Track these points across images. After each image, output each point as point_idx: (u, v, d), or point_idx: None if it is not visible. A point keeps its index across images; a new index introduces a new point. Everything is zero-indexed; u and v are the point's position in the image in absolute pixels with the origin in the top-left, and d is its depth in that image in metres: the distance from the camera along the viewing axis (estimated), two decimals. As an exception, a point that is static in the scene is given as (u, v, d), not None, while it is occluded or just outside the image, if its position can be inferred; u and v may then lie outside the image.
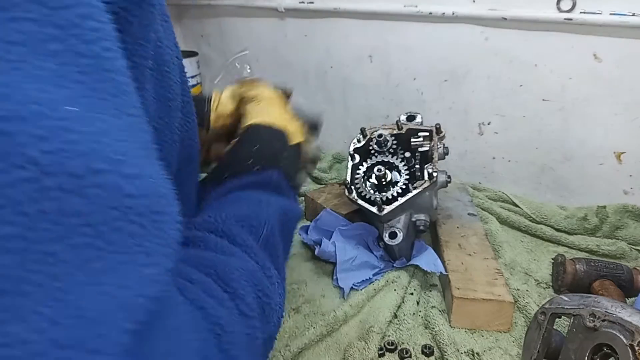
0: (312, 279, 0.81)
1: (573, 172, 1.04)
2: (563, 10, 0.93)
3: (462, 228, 0.88)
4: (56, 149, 0.16)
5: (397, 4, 1.10)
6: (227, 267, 0.29)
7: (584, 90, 0.97)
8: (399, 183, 0.80)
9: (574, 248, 0.90)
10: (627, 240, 0.90)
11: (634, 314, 0.49)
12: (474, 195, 1.06)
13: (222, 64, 1.50)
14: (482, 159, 1.15)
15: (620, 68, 0.92)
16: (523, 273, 0.83)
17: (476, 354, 0.64)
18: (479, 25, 1.03)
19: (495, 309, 0.69)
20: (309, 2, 1.23)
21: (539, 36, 0.98)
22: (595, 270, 0.75)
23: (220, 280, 0.28)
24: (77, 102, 0.18)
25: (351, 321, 0.72)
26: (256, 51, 1.42)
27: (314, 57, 1.31)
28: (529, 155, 1.08)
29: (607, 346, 0.50)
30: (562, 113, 1.01)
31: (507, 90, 1.06)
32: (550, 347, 0.58)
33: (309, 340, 0.66)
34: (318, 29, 1.26)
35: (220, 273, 0.28)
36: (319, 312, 0.73)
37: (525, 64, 1.02)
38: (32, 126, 0.16)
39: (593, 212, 0.94)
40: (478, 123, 1.12)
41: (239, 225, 0.33)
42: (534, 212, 0.98)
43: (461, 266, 0.76)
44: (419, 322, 0.72)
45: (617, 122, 0.96)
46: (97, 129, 0.18)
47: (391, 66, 1.19)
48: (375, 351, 0.65)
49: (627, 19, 0.87)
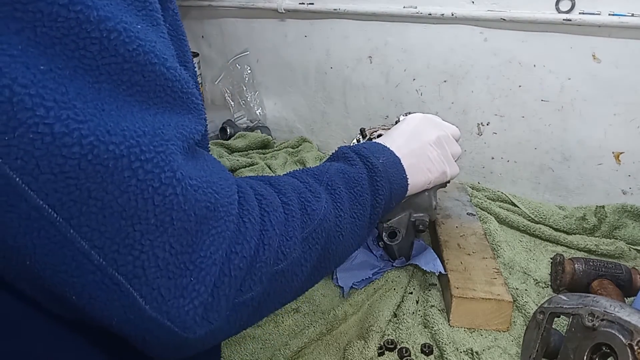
0: (312, 278, 0.81)
1: (572, 172, 1.05)
2: (562, 10, 0.93)
3: (461, 228, 0.89)
4: (133, 48, 0.27)
5: (396, 5, 1.10)
6: (278, 180, 0.41)
7: (583, 91, 0.98)
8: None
9: (572, 248, 0.90)
10: (626, 240, 0.90)
11: (632, 314, 0.49)
12: (473, 195, 1.06)
13: (222, 65, 1.50)
14: (481, 159, 1.15)
15: (619, 68, 0.92)
16: (522, 272, 0.83)
17: (475, 353, 0.65)
18: (478, 26, 1.04)
19: (494, 308, 0.69)
20: (309, 3, 1.23)
21: (538, 37, 0.98)
22: (594, 270, 0.75)
23: (269, 182, 0.40)
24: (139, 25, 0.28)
25: (351, 320, 0.72)
26: (256, 52, 1.42)
27: (314, 57, 1.31)
28: (527, 156, 1.09)
29: (606, 345, 0.50)
30: (561, 113, 1.02)
31: (506, 90, 1.06)
32: (549, 346, 0.59)
33: (309, 339, 0.66)
34: (318, 29, 1.27)
35: (272, 182, 0.40)
36: (318, 311, 0.73)
37: (524, 64, 1.02)
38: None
39: (592, 212, 0.94)
40: (477, 123, 1.12)
41: (303, 172, 0.46)
42: (532, 211, 0.99)
43: (460, 265, 0.76)
44: (419, 321, 0.72)
45: (616, 122, 0.96)
46: (151, 38, 0.28)
47: (391, 67, 1.19)
48: (375, 350, 0.65)
49: (626, 19, 0.87)
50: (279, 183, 0.40)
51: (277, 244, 0.35)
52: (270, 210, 0.35)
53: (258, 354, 0.65)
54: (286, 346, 0.64)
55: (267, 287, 0.34)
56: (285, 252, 0.35)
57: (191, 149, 0.31)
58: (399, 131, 0.60)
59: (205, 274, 0.29)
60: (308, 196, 0.40)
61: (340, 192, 0.44)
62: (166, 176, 0.27)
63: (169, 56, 0.30)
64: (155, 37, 0.29)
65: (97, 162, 0.25)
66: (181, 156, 0.29)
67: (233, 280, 0.31)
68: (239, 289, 0.32)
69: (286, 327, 0.70)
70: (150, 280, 0.28)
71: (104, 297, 0.28)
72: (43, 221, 0.25)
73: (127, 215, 0.27)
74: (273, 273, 0.35)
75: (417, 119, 0.62)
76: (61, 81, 0.25)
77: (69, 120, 0.24)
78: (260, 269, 0.33)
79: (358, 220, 0.47)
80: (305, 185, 0.42)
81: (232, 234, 0.31)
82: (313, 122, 1.40)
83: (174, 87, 0.30)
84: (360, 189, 0.47)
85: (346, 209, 0.44)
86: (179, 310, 0.29)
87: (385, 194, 0.50)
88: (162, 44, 0.30)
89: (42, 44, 0.24)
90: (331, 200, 0.43)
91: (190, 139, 0.30)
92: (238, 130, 1.40)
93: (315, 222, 0.39)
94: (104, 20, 0.26)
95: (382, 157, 0.52)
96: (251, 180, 0.39)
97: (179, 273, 0.28)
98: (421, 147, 0.58)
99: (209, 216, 0.30)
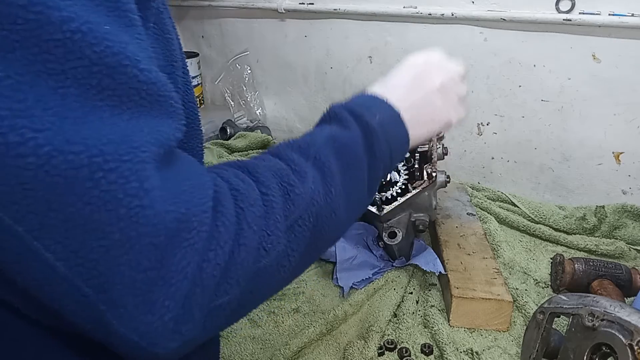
0: (312, 278, 0.81)
1: (572, 172, 1.05)
2: (562, 10, 0.93)
3: (461, 228, 0.89)
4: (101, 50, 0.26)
5: (396, 5, 1.10)
6: (257, 166, 0.38)
7: (583, 91, 0.98)
8: (398, 183, 0.80)
9: (572, 248, 0.90)
10: (626, 240, 0.90)
11: (632, 314, 0.49)
12: (473, 195, 1.06)
13: (222, 65, 1.50)
14: (481, 159, 1.15)
15: (619, 68, 0.92)
16: (522, 272, 0.83)
17: (475, 353, 0.65)
18: (478, 26, 1.04)
19: (494, 308, 0.69)
20: (309, 3, 1.23)
21: (538, 37, 0.98)
22: (594, 270, 0.75)
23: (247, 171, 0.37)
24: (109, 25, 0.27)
25: (351, 320, 0.72)
26: (256, 52, 1.42)
27: (314, 57, 1.31)
28: (527, 156, 1.09)
29: (606, 345, 0.50)
30: (561, 113, 1.01)
31: (506, 90, 1.06)
32: (549, 346, 0.59)
33: (309, 339, 0.66)
34: (318, 29, 1.27)
35: (251, 169, 0.37)
36: (318, 310, 0.73)
37: (524, 64, 1.02)
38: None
39: (592, 212, 0.94)
40: (477, 123, 1.12)
41: (289, 146, 0.41)
42: (532, 211, 0.99)
43: (460, 266, 0.76)
44: (418, 321, 0.72)
45: (616, 122, 0.96)
46: (122, 39, 0.27)
47: (391, 67, 1.17)
48: (375, 350, 0.65)
49: (626, 19, 0.87)
50: (258, 169, 0.37)
51: (256, 242, 0.33)
52: (247, 207, 0.33)
53: (258, 354, 0.65)
54: (286, 346, 0.64)
55: (248, 287, 0.33)
56: (267, 247, 0.33)
57: (167, 155, 0.29)
58: (399, 78, 0.54)
59: (175, 289, 0.28)
60: (291, 179, 0.37)
61: (330, 165, 0.40)
62: (132, 187, 0.26)
63: (144, 58, 0.28)
64: (128, 38, 0.28)
65: (55, 172, 0.24)
66: (153, 164, 0.27)
67: (206, 289, 0.29)
68: (213, 295, 0.30)
69: (286, 327, 0.70)
70: (116, 297, 0.27)
71: (73, 308, 0.27)
72: (6, 232, 0.25)
73: (89, 229, 0.25)
74: (254, 272, 0.33)
75: (419, 63, 0.56)
76: (19, 88, 0.24)
77: (24, 130, 0.23)
78: (237, 271, 0.31)
79: (354, 191, 0.43)
80: (289, 165, 0.38)
81: (205, 243, 0.29)
82: (313, 122, 1.38)
83: (150, 90, 0.28)
84: (354, 155, 0.43)
85: (338, 183, 0.40)
86: (148, 327, 0.27)
87: (383, 156, 0.45)
88: (136, 45, 0.28)
89: (1, 49, 0.23)
90: (320, 176, 0.39)
91: (167, 144, 0.29)
92: (238, 130, 1.40)
93: (301, 207, 0.36)
94: (67, 21, 0.25)
95: (379, 113, 0.46)
96: (228, 171, 0.36)
97: (147, 289, 0.27)
98: (424, 96, 0.52)
99: (180, 228, 0.28)
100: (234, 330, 0.69)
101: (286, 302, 0.76)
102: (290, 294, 0.77)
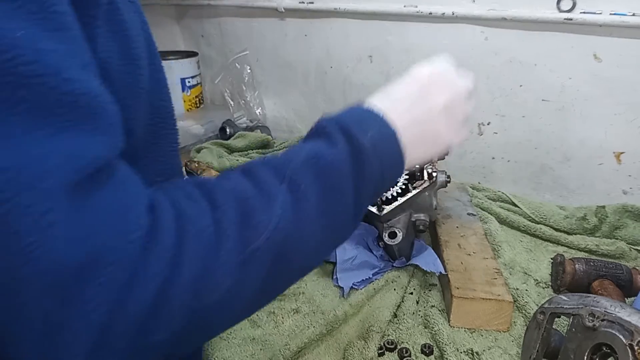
0: (312, 278, 0.81)
1: (572, 172, 1.04)
2: (563, 10, 0.93)
3: (461, 228, 0.88)
4: (10, 58, 0.23)
5: (397, 4, 1.10)
6: (217, 187, 0.34)
7: (584, 90, 0.97)
8: (399, 183, 0.80)
9: (573, 248, 0.90)
10: (627, 240, 0.90)
11: (633, 314, 0.49)
12: (474, 195, 1.06)
13: (222, 65, 1.50)
14: (481, 159, 1.15)
15: (620, 68, 0.92)
16: (522, 273, 0.83)
17: (475, 354, 0.64)
18: (478, 25, 1.04)
19: (494, 309, 0.69)
20: (309, 2, 1.23)
21: (539, 36, 0.98)
22: (595, 270, 0.75)
23: (206, 192, 0.33)
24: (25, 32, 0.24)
25: (351, 320, 0.72)
26: (256, 51, 1.42)
27: (314, 57, 1.31)
28: (528, 155, 1.09)
29: (607, 346, 0.50)
30: (562, 113, 1.01)
31: (506, 90, 1.06)
32: (550, 346, 0.59)
33: (309, 340, 0.66)
34: (318, 29, 1.27)
35: (210, 190, 0.33)
36: (318, 311, 0.73)
37: (525, 64, 1.02)
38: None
39: (592, 212, 0.94)
40: (478, 123, 1.12)
41: (264, 164, 0.38)
42: (533, 212, 0.98)
43: (460, 266, 0.76)
44: (419, 321, 0.72)
45: (617, 122, 0.96)
46: (42, 46, 0.24)
47: (391, 66, 1.19)
48: (375, 350, 0.65)
49: (627, 18, 0.87)
50: (217, 191, 0.33)
51: (196, 277, 0.29)
52: (192, 236, 0.30)
53: (258, 355, 0.65)
54: (286, 347, 0.64)
55: (188, 325, 0.30)
56: (212, 282, 0.30)
57: (88, 179, 0.26)
58: (402, 92, 0.48)
59: (82, 332, 0.25)
60: (255, 204, 0.33)
61: (305, 188, 0.36)
62: (32, 221, 0.23)
63: (73, 65, 0.26)
64: (51, 44, 0.25)
65: None
66: (61, 194, 0.24)
67: (128, 330, 0.27)
68: (139, 334, 0.28)
69: (286, 327, 0.70)
70: (21, 341, 0.25)
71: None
72: None
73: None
74: (193, 311, 0.29)
75: (424, 76, 0.49)
76: None
77: None
78: (171, 309, 0.28)
79: (335, 216, 0.39)
80: (256, 187, 0.35)
81: (127, 279, 0.26)
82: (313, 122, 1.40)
83: (78, 102, 0.25)
84: (337, 176, 0.38)
85: (312, 208, 0.36)
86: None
87: (374, 178, 0.41)
88: (64, 52, 0.25)
89: None
90: (291, 200, 0.35)
91: (91, 166, 0.26)
92: (238, 130, 1.40)
93: (262, 236, 0.33)
94: None
95: (372, 129, 0.41)
96: (182, 192, 0.33)
97: (53, 331, 0.25)
98: (426, 113, 0.47)
99: (91, 267, 0.25)
100: (234, 332, 0.69)
101: (286, 302, 0.76)
102: (290, 294, 0.77)
